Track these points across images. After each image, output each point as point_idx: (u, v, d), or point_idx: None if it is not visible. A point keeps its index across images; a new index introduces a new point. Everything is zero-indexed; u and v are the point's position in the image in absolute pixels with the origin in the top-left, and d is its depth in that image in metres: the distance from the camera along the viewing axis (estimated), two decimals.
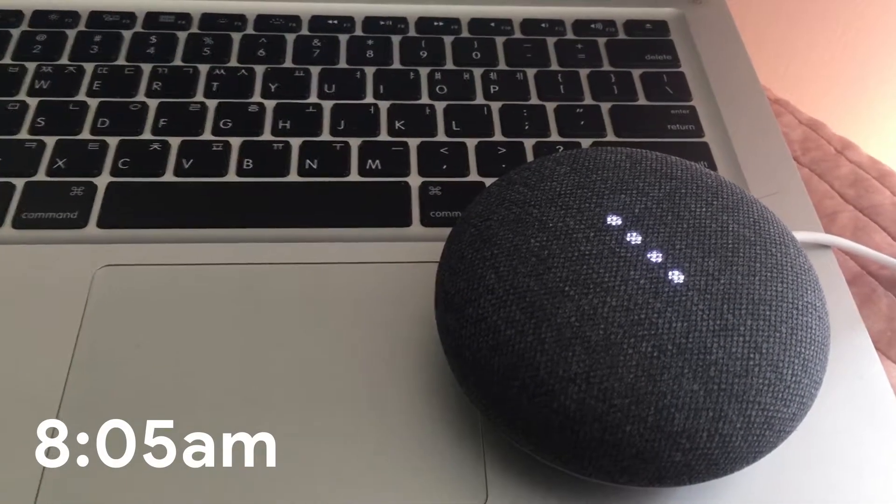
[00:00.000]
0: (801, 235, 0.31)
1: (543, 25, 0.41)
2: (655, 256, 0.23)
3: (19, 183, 0.32)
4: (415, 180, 0.33)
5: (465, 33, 0.40)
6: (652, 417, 0.21)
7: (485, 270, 0.23)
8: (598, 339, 0.21)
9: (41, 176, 0.32)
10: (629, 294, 0.22)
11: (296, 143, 0.34)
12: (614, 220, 0.23)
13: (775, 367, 0.21)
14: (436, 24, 0.40)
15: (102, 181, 0.32)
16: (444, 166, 0.34)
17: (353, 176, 0.33)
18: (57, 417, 0.25)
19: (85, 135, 0.34)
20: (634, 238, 0.23)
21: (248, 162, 0.33)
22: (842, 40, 0.63)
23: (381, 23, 0.40)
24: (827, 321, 0.24)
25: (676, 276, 0.22)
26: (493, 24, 0.41)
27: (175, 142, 0.34)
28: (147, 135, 0.34)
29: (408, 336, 0.28)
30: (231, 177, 0.33)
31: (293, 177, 0.33)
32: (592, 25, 0.41)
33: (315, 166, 0.33)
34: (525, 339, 0.22)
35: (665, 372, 0.21)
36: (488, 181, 0.33)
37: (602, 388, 0.21)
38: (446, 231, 0.27)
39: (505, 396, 0.22)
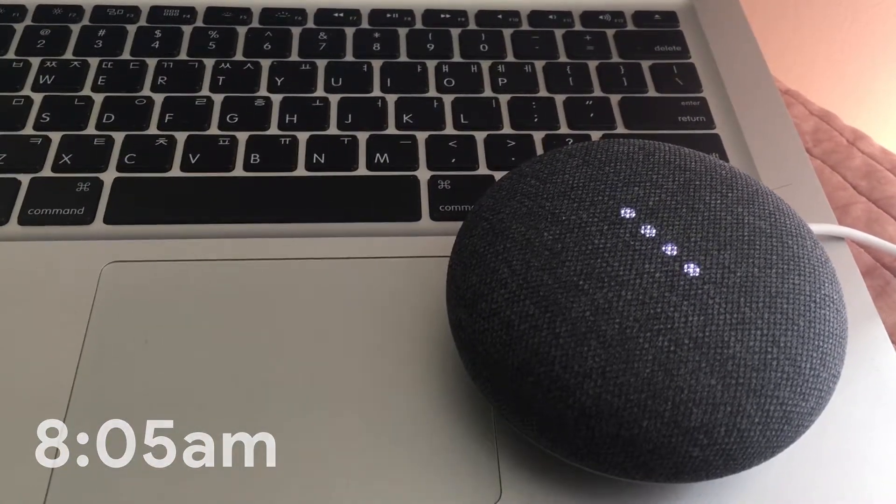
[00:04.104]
0: (814, 227, 0.30)
1: (551, 17, 0.41)
2: (670, 249, 0.22)
3: (25, 179, 0.32)
4: (424, 174, 0.33)
5: (472, 25, 0.40)
6: (669, 412, 0.20)
7: (497, 264, 0.23)
8: (614, 334, 0.21)
9: (47, 172, 0.32)
10: (644, 287, 0.21)
11: (303, 137, 0.34)
12: (628, 213, 0.23)
13: (793, 360, 0.21)
14: (443, 16, 0.40)
15: (108, 177, 0.32)
16: (453, 160, 0.33)
17: (362, 170, 0.33)
18: (66, 416, 0.25)
19: (90, 130, 0.34)
20: (649, 231, 0.23)
21: (255, 156, 0.33)
22: (852, 29, 0.62)
23: (388, 15, 0.40)
24: (844, 314, 0.23)
25: (692, 269, 0.22)
26: (500, 16, 0.40)
27: (181, 136, 0.34)
28: (153, 130, 0.34)
29: (418, 331, 0.28)
30: (238, 171, 0.33)
31: (301, 171, 0.33)
32: (601, 17, 0.41)
33: (323, 161, 0.33)
34: (539, 333, 0.21)
35: (682, 366, 0.21)
36: (498, 174, 0.33)
37: (618, 382, 0.21)
38: (456, 225, 0.27)
39: (519, 392, 0.22)
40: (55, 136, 0.33)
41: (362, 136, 0.34)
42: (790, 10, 0.61)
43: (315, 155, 0.33)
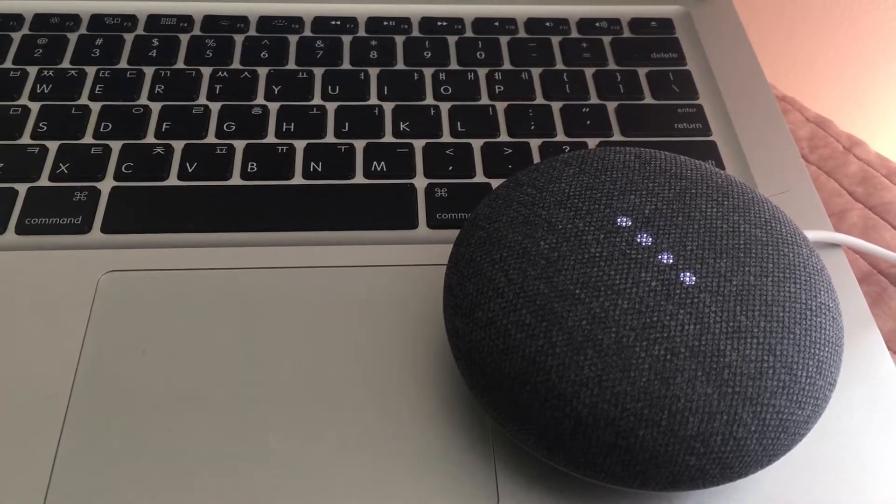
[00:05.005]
0: (810, 234, 0.30)
1: (548, 24, 0.41)
2: (666, 258, 0.22)
3: (22, 188, 0.32)
4: (420, 182, 0.33)
5: (468, 33, 0.40)
6: (665, 421, 0.20)
7: (494, 273, 0.23)
8: (610, 343, 0.21)
9: (44, 181, 0.32)
10: (640, 296, 0.22)
11: (300, 145, 0.34)
12: (624, 222, 0.23)
13: (789, 368, 0.21)
14: (439, 24, 0.40)
15: (106, 186, 0.32)
16: (450, 167, 0.33)
17: (359, 178, 0.33)
18: (65, 419, 0.25)
19: (87, 139, 0.34)
20: (645, 239, 0.23)
21: (252, 165, 0.33)
22: (847, 36, 0.63)
23: (385, 23, 0.40)
24: (840, 322, 0.23)
25: (688, 278, 0.22)
26: (497, 24, 0.40)
27: (178, 145, 0.34)
28: (150, 139, 0.34)
29: (416, 340, 0.28)
30: (235, 180, 0.33)
31: (298, 179, 0.33)
32: (597, 24, 0.41)
33: (320, 169, 0.33)
34: (536, 342, 0.21)
35: (678, 375, 0.21)
36: (494, 182, 0.33)
37: (614, 391, 0.21)
38: (453, 233, 0.27)
39: (516, 401, 0.22)
40: (52, 146, 0.33)
41: (359, 144, 0.34)
42: (786, 16, 0.61)
43: (312, 163, 0.33)
